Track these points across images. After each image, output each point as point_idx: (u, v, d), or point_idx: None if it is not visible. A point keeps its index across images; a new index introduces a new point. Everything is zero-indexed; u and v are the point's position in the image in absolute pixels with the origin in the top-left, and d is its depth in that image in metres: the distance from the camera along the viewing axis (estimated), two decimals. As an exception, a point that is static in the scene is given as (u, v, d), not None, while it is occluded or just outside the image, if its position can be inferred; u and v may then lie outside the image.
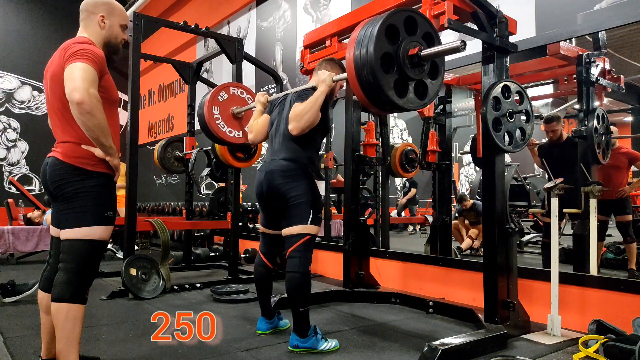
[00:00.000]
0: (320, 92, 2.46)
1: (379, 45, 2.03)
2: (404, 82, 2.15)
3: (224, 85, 3.61)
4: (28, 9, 9.61)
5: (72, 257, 1.91)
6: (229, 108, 3.54)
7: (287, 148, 2.55)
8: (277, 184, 2.52)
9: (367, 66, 2.03)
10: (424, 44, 2.19)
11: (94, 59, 1.88)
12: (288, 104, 2.63)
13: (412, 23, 2.19)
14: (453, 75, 4.78)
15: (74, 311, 1.88)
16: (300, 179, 2.51)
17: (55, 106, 1.98)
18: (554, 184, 2.96)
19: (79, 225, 1.92)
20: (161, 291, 3.90)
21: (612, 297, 2.87)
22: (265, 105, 2.86)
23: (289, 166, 2.52)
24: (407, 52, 2.12)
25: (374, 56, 2.01)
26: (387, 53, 2.08)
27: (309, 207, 2.49)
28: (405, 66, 2.12)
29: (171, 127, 9.14)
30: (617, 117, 9.66)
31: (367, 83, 2.07)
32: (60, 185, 1.94)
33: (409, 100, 2.17)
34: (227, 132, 3.53)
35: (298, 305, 2.45)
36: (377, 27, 2.04)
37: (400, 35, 2.13)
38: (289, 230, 2.49)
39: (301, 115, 2.42)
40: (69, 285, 1.89)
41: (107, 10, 2.09)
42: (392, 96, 2.09)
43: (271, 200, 2.60)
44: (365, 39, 2.06)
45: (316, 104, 2.43)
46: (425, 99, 2.24)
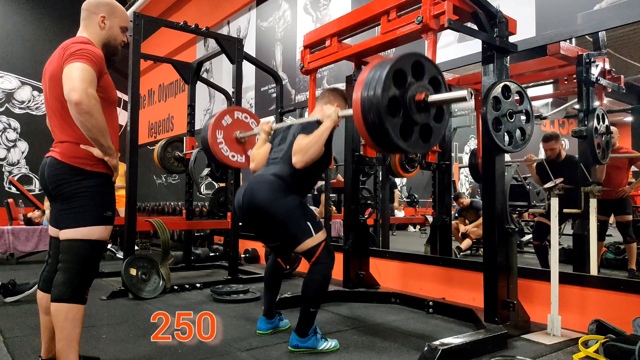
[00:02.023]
0: (326, 127, 2.47)
1: (386, 89, 2.05)
2: (410, 126, 2.17)
3: (228, 110, 3.63)
4: (28, 9, 9.61)
5: (72, 257, 1.91)
6: (232, 132, 3.56)
7: (281, 168, 2.52)
8: (259, 200, 2.45)
9: (374, 109, 2.05)
10: (431, 89, 2.20)
11: (93, 59, 1.88)
12: (291, 134, 2.63)
13: (419, 68, 2.20)
14: (453, 75, 4.78)
15: (73, 311, 1.88)
16: (285, 194, 2.46)
17: (54, 106, 1.97)
18: (554, 184, 2.96)
19: (78, 226, 1.92)
20: (161, 291, 3.90)
21: (612, 297, 2.87)
22: (269, 133, 2.88)
23: (275, 181, 2.47)
24: (414, 97, 2.13)
25: (381, 100, 2.03)
26: (394, 97, 2.10)
27: (304, 220, 2.46)
28: (412, 111, 2.13)
29: (171, 127, 9.14)
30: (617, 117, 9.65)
31: (372, 125, 2.09)
32: (58, 186, 1.94)
33: (414, 144, 2.19)
34: (230, 156, 3.55)
35: (310, 305, 2.46)
36: (385, 71, 2.06)
37: (408, 79, 2.14)
38: (302, 246, 2.46)
39: (306, 149, 2.42)
40: (69, 285, 1.89)
41: (109, 11, 2.09)
42: (396, 140, 2.10)
43: (252, 215, 2.54)
44: (373, 81, 2.07)
45: (321, 139, 2.44)
46: (430, 142, 2.26)
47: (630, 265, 4.31)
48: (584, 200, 3.45)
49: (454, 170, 10.04)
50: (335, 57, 3.31)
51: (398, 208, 9.56)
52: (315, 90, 3.57)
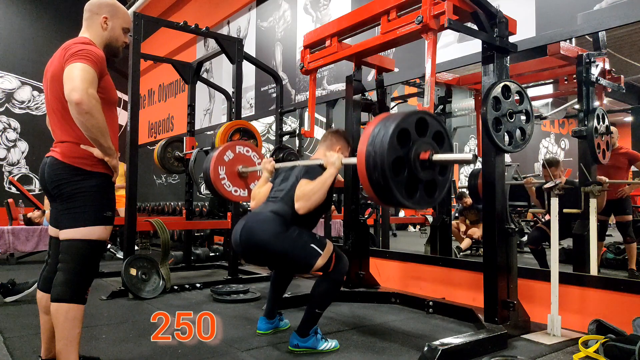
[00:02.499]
0: (330, 174, 2.47)
1: (390, 150, 2.06)
2: (414, 184, 2.19)
3: (230, 145, 3.64)
4: (29, 9, 9.61)
5: (72, 257, 1.91)
6: (234, 167, 3.58)
7: (280, 207, 2.51)
8: (259, 238, 2.42)
9: (378, 169, 2.06)
10: (435, 145, 2.22)
11: (94, 59, 1.88)
12: (294, 176, 2.63)
13: (423, 124, 2.22)
14: (453, 75, 4.78)
15: (73, 311, 1.88)
16: (284, 230, 2.42)
17: (55, 106, 1.98)
18: (554, 184, 2.96)
19: (78, 226, 1.92)
20: (161, 291, 3.90)
21: (612, 297, 2.87)
22: (271, 172, 2.89)
23: (274, 218, 2.44)
24: (418, 155, 2.15)
25: (385, 161, 2.04)
26: (399, 157, 2.12)
27: (308, 244, 2.44)
28: (416, 169, 2.15)
29: (171, 127, 9.13)
30: (617, 117, 9.65)
31: (377, 183, 2.10)
32: (58, 185, 1.94)
33: (418, 201, 2.22)
34: (232, 191, 3.56)
35: (317, 307, 2.47)
36: (390, 130, 2.07)
37: (412, 137, 2.15)
38: (315, 267, 2.45)
39: (309, 195, 2.42)
40: (69, 285, 1.89)
41: (111, 12, 2.09)
42: (401, 198, 2.12)
43: (251, 252, 2.52)
44: (377, 140, 2.09)
45: (325, 186, 2.45)
46: (435, 197, 2.28)
47: (630, 265, 4.31)
48: (584, 200, 3.45)
49: (454, 170, 10.04)
50: (335, 57, 3.31)
51: None
52: (315, 90, 3.57)
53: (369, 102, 3.88)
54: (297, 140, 5.79)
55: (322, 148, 2.81)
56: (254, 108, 6.71)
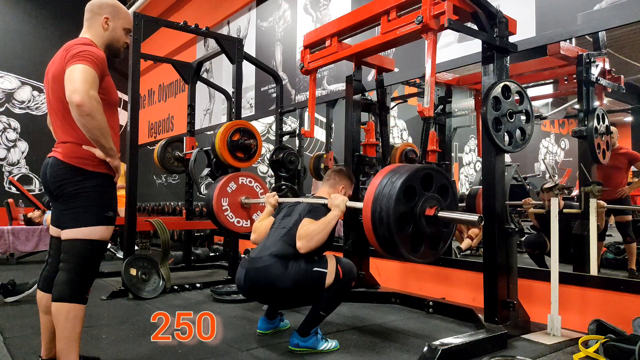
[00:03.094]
0: (334, 215, 2.49)
1: (397, 206, 2.09)
2: (419, 238, 2.21)
3: (233, 176, 3.66)
4: (28, 9, 9.60)
5: (73, 257, 1.91)
6: (237, 197, 3.61)
7: (281, 247, 2.50)
8: (264, 282, 2.44)
9: (384, 224, 2.09)
10: (440, 199, 2.24)
11: (95, 60, 1.88)
12: (297, 213, 2.63)
13: (428, 179, 2.25)
14: (453, 75, 4.78)
15: (74, 311, 1.88)
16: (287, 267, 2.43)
17: (56, 107, 1.98)
18: (554, 184, 2.96)
19: (80, 226, 1.92)
20: (161, 291, 3.90)
21: (612, 297, 2.87)
22: (274, 206, 2.92)
23: (276, 262, 2.44)
24: (424, 211, 2.18)
25: (392, 217, 2.07)
26: (404, 212, 2.14)
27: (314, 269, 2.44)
28: (421, 224, 2.18)
29: (171, 127, 9.13)
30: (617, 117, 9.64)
31: (382, 237, 2.13)
32: (60, 186, 1.94)
33: (422, 255, 2.25)
34: (235, 222, 3.59)
35: (322, 308, 2.48)
36: (397, 187, 2.10)
37: (417, 192, 2.18)
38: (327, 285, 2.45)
39: (312, 236, 2.42)
40: (70, 285, 1.89)
41: (112, 12, 2.09)
42: (406, 253, 2.16)
43: (258, 295, 2.59)
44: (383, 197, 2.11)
45: (328, 227, 2.46)
46: (439, 249, 2.31)
47: (630, 265, 4.30)
48: (584, 200, 3.45)
49: (454, 170, 10.05)
50: (335, 57, 3.31)
51: None
52: (315, 90, 3.57)
53: (369, 102, 3.89)
54: (297, 140, 5.78)
55: (325, 186, 2.82)
56: (254, 108, 6.71)
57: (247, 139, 4.18)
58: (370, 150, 4.38)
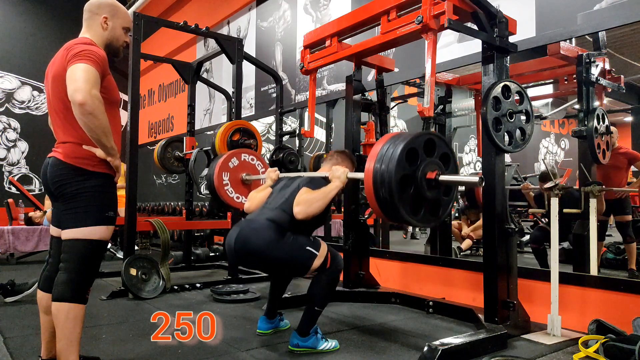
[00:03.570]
0: (335, 186, 2.48)
1: (399, 168, 2.09)
2: (420, 202, 2.20)
3: (235, 152, 3.65)
4: (28, 9, 9.60)
5: (73, 257, 1.92)
6: (238, 173, 3.61)
7: (277, 215, 2.49)
8: (255, 246, 2.40)
9: (386, 186, 2.08)
10: (441, 165, 2.24)
11: (97, 59, 1.88)
12: (296, 184, 2.62)
13: (431, 145, 2.25)
14: (453, 75, 4.78)
15: (74, 311, 1.88)
16: (280, 236, 2.41)
17: (57, 106, 1.98)
18: (554, 184, 2.96)
19: (80, 225, 1.92)
20: (161, 291, 3.90)
21: (612, 297, 2.87)
22: (275, 181, 2.89)
23: (270, 225, 2.42)
24: (425, 175, 2.18)
25: (393, 178, 2.07)
26: (406, 175, 2.14)
27: (304, 248, 2.44)
28: (422, 187, 2.18)
29: (171, 127, 9.13)
30: (617, 117, 9.65)
31: (383, 200, 2.12)
32: (61, 186, 1.94)
33: (423, 219, 2.24)
34: (234, 197, 3.59)
35: (316, 304, 2.48)
36: (399, 149, 2.10)
37: (419, 157, 2.18)
38: (312, 269, 2.45)
39: (310, 202, 2.41)
40: (70, 285, 1.89)
41: (111, 12, 2.09)
42: (406, 215, 2.15)
43: (247, 258, 2.50)
44: (386, 158, 2.11)
45: (327, 197, 2.45)
46: (439, 215, 2.30)
47: (630, 265, 4.31)
48: (584, 200, 3.45)
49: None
50: (335, 57, 3.31)
51: None
52: (315, 90, 3.57)
53: (369, 102, 3.89)
54: (297, 140, 5.79)
55: (326, 165, 2.81)
56: (254, 108, 6.71)
57: (247, 139, 4.18)
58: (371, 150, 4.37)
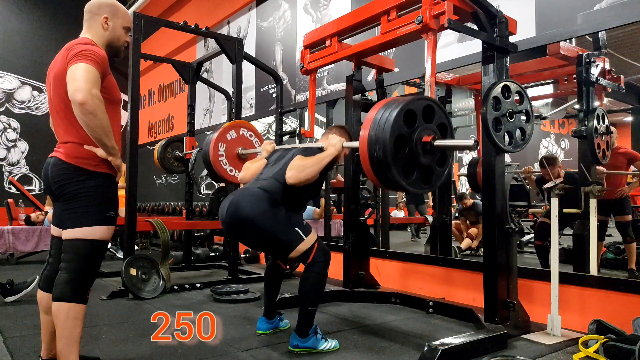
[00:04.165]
0: (329, 153, 2.48)
1: (395, 126, 2.08)
2: (412, 166, 2.19)
3: (234, 124, 3.63)
4: (29, 9, 9.60)
5: (74, 257, 1.92)
6: (234, 147, 3.59)
7: (270, 184, 2.48)
8: (245, 213, 2.37)
9: (380, 143, 2.07)
10: (438, 133, 2.23)
11: (97, 59, 1.89)
12: (290, 154, 2.63)
13: (430, 111, 2.24)
14: (453, 75, 4.78)
15: (74, 311, 1.88)
16: (271, 206, 2.40)
17: (58, 107, 1.98)
18: (554, 184, 2.96)
19: (81, 225, 1.93)
20: (161, 291, 3.90)
21: (612, 297, 2.87)
22: (270, 153, 2.89)
23: (262, 195, 2.42)
24: (421, 138, 2.17)
25: (388, 135, 2.06)
26: (402, 135, 2.13)
27: (293, 227, 2.43)
28: (417, 151, 2.17)
29: (171, 127, 9.13)
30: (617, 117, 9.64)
31: (376, 159, 2.11)
32: (62, 186, 1.95)
33: (413, 183, 2.22)
34: (227, 169, 3.56)
35: (308, 304, 2.46)
36: (397, 109, 2.09)
37: (417, 121, 2.17)
38: (296, 252, 2.44)
39: (303, 168, 2.41)
40: (70, 284, 1.89)
41: (111, 12, 2.10)
42: (397, 176, 2.13)
43: (238, 228, 2.48)
44: (383, 117, 2.11)
45: (321, 163, 2.44)
46: (430, 184, 2.29)
47: (630, 265, 4.31)
48: (584, 200, 3.45)
49: (454, 171, 10.04)
50: (335, 57, 3.31)
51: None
52: (315, 90, 3.57)
53: (369, 102, 3.88)
54: (297, 140, 5.78)
55: (324, 138, 2.79)
56: (254, 108, 6.71)
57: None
58: (370, 150, 4.37)
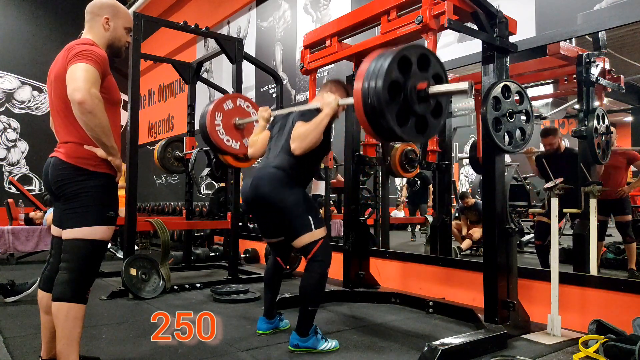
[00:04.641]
0: (325, 114, 2.46)
1: (389, 72, 2.06)
2: (407, 114, 2.18)
3: (232, 95, 3.62)
4: (28, 9, 9.61)
5: (74, 257, 1.92)
6: (231, 118, 3.57)
7: (282, 158, 2.53)
8: (264, 192, 2.48)
9: (374, 90, 2.06)
10: (433, 83, 2.22)
11: (97, 59, 1.89)
12: (290, 122, 2.62)
13: (425, 61, 2.22)
14: (453, 75, 4.78)
15: (74, 311, 1.88)
16: (289, 187, 2.48)
17: (58, 107, 1.99)
18: (554, 184, 2.96)
19: (81, 225, 1.93)
20: (161, 291, 3.90)
21: (612, 297, 2.87)
22: (268, 120, 2.88)
23: (278, 174, 2.49)
24: (416, 85, 2.16)
25: (382, 81, 2.04)
26: (396, 82, 2.11)
27: (307, 214, 2.47)
28: (411, 99, 2.15)
29: (171, 127, 9.14)
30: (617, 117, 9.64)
31: (370, 107, 2.10)
32: (62, 186, 1.95)
33: (408, 132, 2.20)
34: (224, 140, 3.54)
35: (308, 304, 2.46)
36: (392, 55, 2.08)
37: (412, 69, 2.16)
38: (300, 241, 2.47)
39: (304, 135, 2.41)
40: (70, 284, 1.90)
41: (112, 12, 2.10)
42: (392, 124, 2.11)
43: (257, 207, 2.58)
44: (377, 65, 2.10)
45: (320, 126, 2.43)
46: (425, 135, 2.27)
47: (630, 265, 4.31)
48: (584, 200, 3.45)
49: (454, 170, 10.04)
50: (335, 57, 3.31)
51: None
52: (315, 90, 3.57)
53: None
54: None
55: (320, 94, 2.76)
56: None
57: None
58: (370, 150, 4.38)
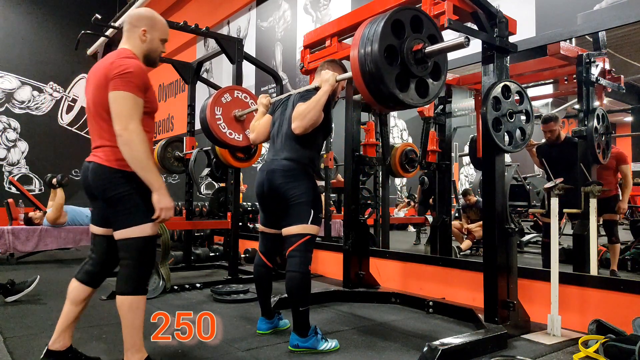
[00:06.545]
0: (324, 91, 2.46)
1: (384, 37, 2.05)
2: (406, 78, 2.16)
3: (228, 88, 3.60)
4: (28, 9, 9.60)
5: (130, 254, 2.02)
6: (231, 111, 3.55)
7: (289, 148, 2.55)
8: (278, 184, 2.52)
9: (370, 57, 2.05)
10: (428, 44, 2.20)
11: (137, 83, 1.97)
12: (291, 104, 2.63)
13: (418, 22, 2.22)
14: (453, 75, 4.78)
15: (136, 302, 2.01)
16: (301, 178, 2.52)
17: (93, 112, 2.06)
18: (554, 184, 2.96)
19: (132, 225, 2.01)
20: (161, 291, 3.90)
21: (612, 297, 2.87)
22: (267, 106, 2.88)
23: (291, 166, 2.52)
24: (412, 47, 2.14)
25: (378, 47, 2.03)
26: (392, 46, 2.10)
27: (309, 207, 2.49)
28: (409, 62, 2.13)
29: (171, 127, 9.14)
30: (617, 117, 9.65)
31: (369, 75, 2.08)
32: (105, 190, 2.02)
33: (410, 96, 2.18)
34: (227, 133, 3.53)
35: (298, 304, 2.46)
36: (384, 20, 2.07)
37: (406, 31, 2.15)
38: (289, 230, 2.50)
39: (304, 114, 2.42)
40: (131, 279, 2.02)
41: (149, 24, 2.18)
42: (393, 88, 2.09)
43: (272, 200, 2.61)
44: (371, 32, 2.08)
45: (319, 104, 2.43)
46: (426, 98, 2.26)
47: (612, 266, 4.22)
48: (584, 200, 3.45)
49: (454, 170, 10.05)
50: (335, 57, 3.31)
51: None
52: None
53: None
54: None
55: (318, 76, 2.74)
56: (254, 108, 6.71)
57: (247, 139, 4.17)
58: (370, 150, 4.38)
